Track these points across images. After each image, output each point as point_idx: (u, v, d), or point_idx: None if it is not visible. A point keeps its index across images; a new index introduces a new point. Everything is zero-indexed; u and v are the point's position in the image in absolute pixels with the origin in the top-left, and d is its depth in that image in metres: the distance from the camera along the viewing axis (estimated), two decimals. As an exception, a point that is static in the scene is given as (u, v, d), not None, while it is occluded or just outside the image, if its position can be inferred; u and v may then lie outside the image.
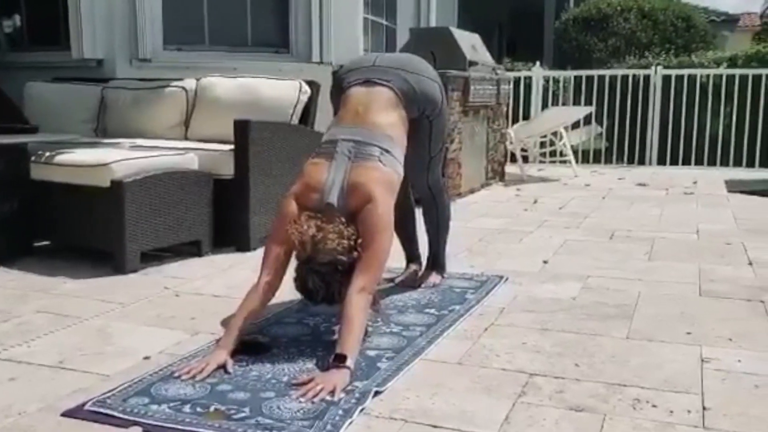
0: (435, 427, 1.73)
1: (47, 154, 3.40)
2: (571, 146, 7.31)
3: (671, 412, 1.80)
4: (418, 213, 3.02)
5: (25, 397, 1.90)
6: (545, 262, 3.45)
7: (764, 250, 3.66)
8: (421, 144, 2.69)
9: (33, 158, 3.42)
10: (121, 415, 1.77)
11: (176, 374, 2.01)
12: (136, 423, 1.73)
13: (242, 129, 3.59)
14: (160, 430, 1.70)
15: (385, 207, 2.25)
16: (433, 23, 7.58)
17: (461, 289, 2.92)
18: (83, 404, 1.83)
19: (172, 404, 1.83)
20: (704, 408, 1.83)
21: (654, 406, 1.84)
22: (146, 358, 2.18)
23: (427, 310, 2.64)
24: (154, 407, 1.81)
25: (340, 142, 2.34)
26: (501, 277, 3.11)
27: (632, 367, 2.11)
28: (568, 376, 2.04)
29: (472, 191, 5.79)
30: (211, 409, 1.80)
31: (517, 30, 16.11)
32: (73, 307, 2.71)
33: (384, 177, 2.31)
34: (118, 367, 2.10)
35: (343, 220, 2.17)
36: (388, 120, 2.45)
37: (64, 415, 1.79)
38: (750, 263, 3.39)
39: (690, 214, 4.81)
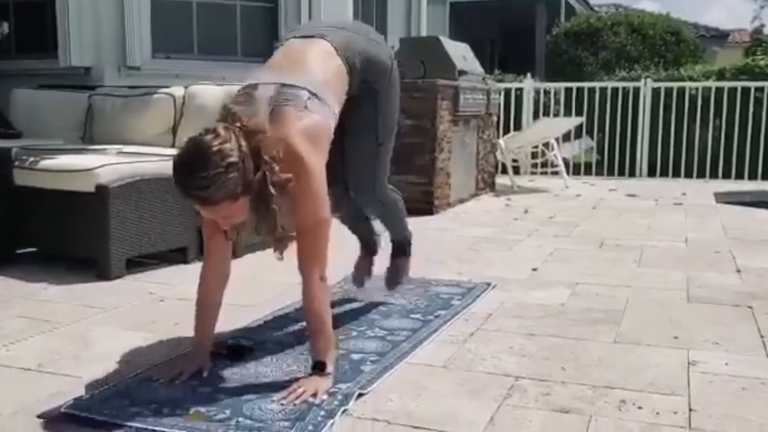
0: (417, 428, 1.70)
1: (31, 159, 3.36)
2: (563, 158, 7.31)
3: (657, 413, 1.78)
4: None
5: (2, 400, 1.86)
6: (534, 269, 3.43)
7: (752, 258, 3.65)
8: (365, 124, 2.30)
9: (17, 163, 3.38)
10: (99, 418, 1.73)
11: (154, 378, 1.97)
12: (114, 425, 1.70)
13: (229, 135, 3.56)
14: (138, 432, 1.67)
15: (317, 176, 1.90)
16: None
17: (448, 296, 2.89)
18: (60, 407, 1.79)
19: (152, 406, 1.79)
20: (690, 409, 1.80)
21: (640, 407, 1.81)
22: (126, 362, 2.14)
23: (412, 316, 2.61)
24: (134, 409, 1.78)
25: (260, 85, 2.00)
26: (489, 284, 3.08)
27: (618, 370, 2.09)
28: (555, 378, 2.02)
29: (461, 201, 5.77)
30: (192, 410, 1.77)
31: (508, 45, 16.22)
32: (54, 312, 2.67)
33: (311, 127, 1.93)
34: (96, 370, 2.07)
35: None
36: (324, 67, 2.09)
37: (40, 417, 1.76)
38: (738, 271, 3.38)
39: (679, 224, 4.80)
